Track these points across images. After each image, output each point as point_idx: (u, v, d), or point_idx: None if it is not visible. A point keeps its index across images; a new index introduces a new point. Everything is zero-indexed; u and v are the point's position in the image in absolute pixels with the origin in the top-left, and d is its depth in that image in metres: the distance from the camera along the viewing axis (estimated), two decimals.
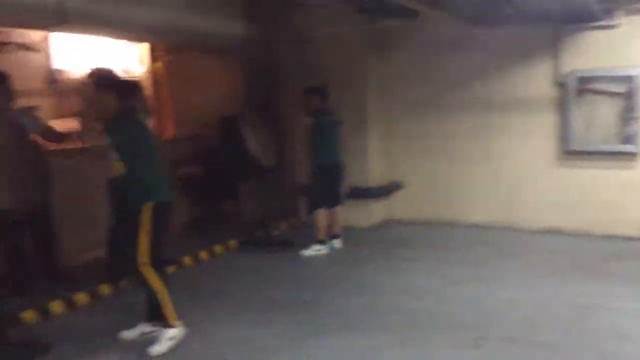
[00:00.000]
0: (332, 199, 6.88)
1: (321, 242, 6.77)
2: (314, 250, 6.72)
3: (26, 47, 8.47)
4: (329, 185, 6.84)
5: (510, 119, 7.67)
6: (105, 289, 5.45)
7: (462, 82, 7.87)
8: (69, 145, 6.22)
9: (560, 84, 7.34)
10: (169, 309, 4.26)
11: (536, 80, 7.47)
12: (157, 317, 4.37)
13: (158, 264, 4.26)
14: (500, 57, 7.62)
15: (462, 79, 7.86)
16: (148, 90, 7.64)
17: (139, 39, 7.86)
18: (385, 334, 4.50)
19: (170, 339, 4.23)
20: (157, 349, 4.18)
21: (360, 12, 7.37)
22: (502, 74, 7.65)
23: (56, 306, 4.99)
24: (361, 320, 4.80)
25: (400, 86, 8.17)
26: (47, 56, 9.16)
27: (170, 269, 6.16)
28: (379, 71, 8.09)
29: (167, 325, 4.26)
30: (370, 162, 7.98)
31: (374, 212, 8.09)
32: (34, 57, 9.01)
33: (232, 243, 7.16)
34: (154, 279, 4.20)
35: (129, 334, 4.40)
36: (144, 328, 4.42)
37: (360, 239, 7.47)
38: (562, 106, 7.37)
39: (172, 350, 4.20)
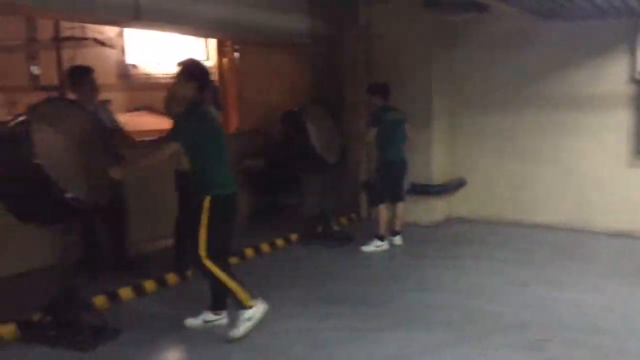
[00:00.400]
0: (393, 195, 6.86)
1: (381, 237, 6.77)
2: (374, 246, 6.73)
3: (102, 42, 8.90)
4: (391, 182, 6.83)
5: (581, 117, 7.40)
6: (172, 278, 5.63)
7: (531, 78, 7.66)
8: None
9: (636, 81, 7.03)
10: (239, 293, 4.25)
11: (610, 76, 7.18)
12: (220, 306, 4.48)
13: (219, 255, 4.28)
14: (572, 52, 7.37)
15: (531, 75, 7.65)
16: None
17: (208, 34, 8.06)
18: (446, 332, 4.47)
19: (249, 319, 4.25)
20: (236, 332, 4.24)
21: (427, 6, 7.28)
22: (573, 70, 7.39)
23: (125, 292, 5.20)
24: (422, 318, 4.78)
25: (466, 82, 8.02)
26: (121, 51, 9.56)
27: (233, 260, 6.30)
28: (445, 67, 7.97)
29: (242, 307, 4.26)
30: (434, 159, 7.88)
31: (435, 209, 8.00)
32: (109, 53, 9.44)
33: (293, 236, 7.24)
34: (215, 270, 4.23)
35: (193, 322, 4.54)
36: (207, 316, 4.54)
37: (422, 236, 7.41)
38: (637, 104, 7.06)
39: (236, 343, 4.27)
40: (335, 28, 8.09)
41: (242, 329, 4.25)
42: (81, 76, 5.44)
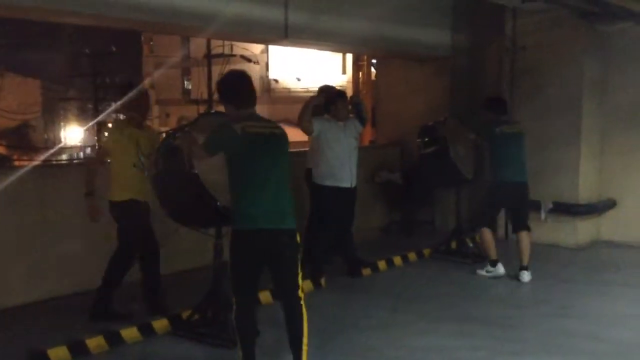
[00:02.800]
0: (514, 223, 6.36)
1: (493, 262, 6.22)
2: (486, 271, 6.26)
3: (248, 59, 9.47)
4: (498, 206, 6.31)
5: None
6: (307, 285, 5.76)
7: None
8: None
9: None
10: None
11: None
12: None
13: (243, 299, 3.75)
14: None
15: None
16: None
17: (351, 50, 8.30)
18: None
19: None
20: None
21: (580, 17, 6.91)
22: None
23: (264, 296, 5.36)
24: (562, 345, 4.51)
25: (619, 96, 7.51)
26: (265, 67, 10.10)
27: (366, 272, 6.39)
28: (596, 80, 7.50)
29: None
30: (581, 177, 7.41)
31: (580, 231, 7.51)
32: (253, 68, 10.01)
33: (426, 251, 7.16)
34: (232, 317, 3.76)
35: None
36: None
37: (565, 259, 7.00)
38: None
39: (368, 355, 4.25)
40: (478, 40, 7.94)
41: None
42: (336, 99, 5.92)
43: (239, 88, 3.74)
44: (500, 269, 6.20)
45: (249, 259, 3.63)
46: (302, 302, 3.70)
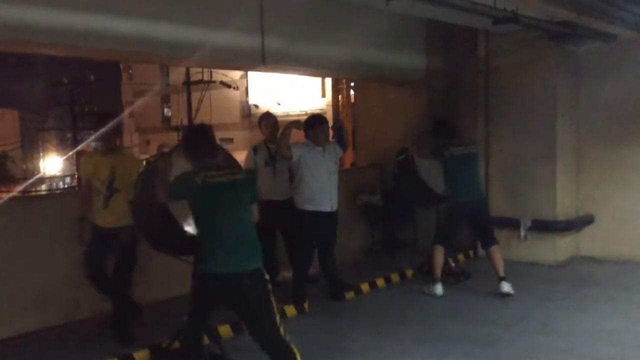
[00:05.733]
0: (482, 240, 6.45)
1: (436, 281, 6.34)
2: (428, 289, 6.35)
3: (228, 85, 9.52)
4: (454, 225, 6.41)
5: None
6: (290, 310, 5.77)
7: None
8: None
9: None
10: None
11: None
12: None
13: (194, 342, 3.94)
14: None
15: None
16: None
17: (328, 74, 8.39)
18: None
19: None
20: None
21: (550, 38, 7.08)
22: None
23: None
24: None
25: (592, 113, 7.65)
26: (245, 92, 10.18)
27: (349, 295, 6.38)
28: (569, 98, 7.66)
29: None
30: (558, 194, 7.51)
31: (559, 247, 7.59)
32: (233, 94, 10.07)
33: (409, 272, 7.19)
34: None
35: None
36: None
37: (546, 276, 7.05)
38: None
39: None
40: (453, 62, 8.09)
41: None
42: (314, 124, 5.95)
43: (198, 143, 3.84)
44: (438, 289, 6.29)
45: (205, 300, 3.74)
46: (288, 341, 3.62)
